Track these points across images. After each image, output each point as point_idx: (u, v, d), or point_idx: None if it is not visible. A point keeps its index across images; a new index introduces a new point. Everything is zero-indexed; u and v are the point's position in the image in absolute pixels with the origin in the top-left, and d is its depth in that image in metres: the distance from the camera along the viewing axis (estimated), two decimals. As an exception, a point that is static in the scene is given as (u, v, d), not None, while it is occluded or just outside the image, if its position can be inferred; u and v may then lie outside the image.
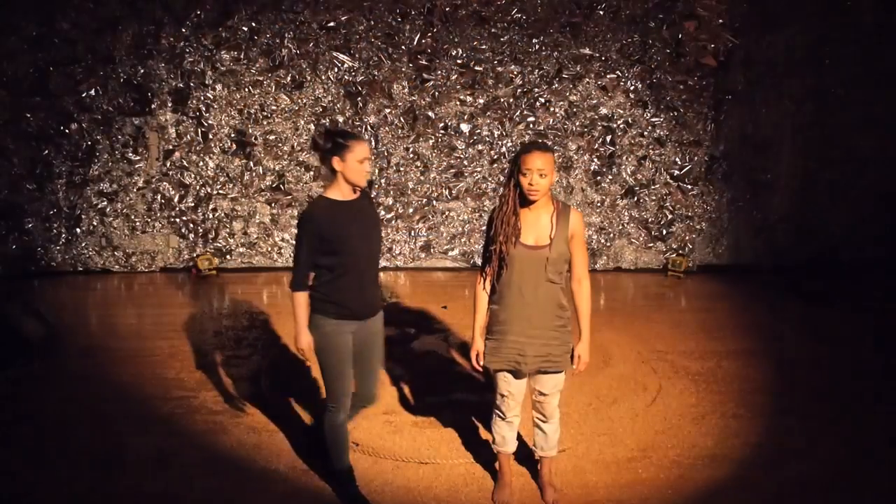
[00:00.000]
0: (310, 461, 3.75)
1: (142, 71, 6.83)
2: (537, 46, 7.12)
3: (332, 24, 6.91)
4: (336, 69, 7.03)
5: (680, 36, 7.15)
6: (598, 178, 7.46)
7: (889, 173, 7.75)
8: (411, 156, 7.28)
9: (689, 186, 7.54)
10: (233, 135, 7.08)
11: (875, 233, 8.01)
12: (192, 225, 7.27)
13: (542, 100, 7.25)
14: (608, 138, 7.37)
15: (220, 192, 7.21)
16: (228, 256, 7.40)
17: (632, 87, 7.27)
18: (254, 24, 6.84)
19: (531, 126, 7.31)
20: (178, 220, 7.24)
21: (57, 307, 5.67)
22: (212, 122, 7.03)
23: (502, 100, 7.22)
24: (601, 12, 7.08)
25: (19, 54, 6.61)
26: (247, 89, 6.98)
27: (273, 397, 4.43)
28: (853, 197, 7.82)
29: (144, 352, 5.19)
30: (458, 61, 7.10)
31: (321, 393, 4.43)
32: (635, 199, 7.54)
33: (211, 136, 7.06)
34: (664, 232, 7.65)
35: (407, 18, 6.96)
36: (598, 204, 7.50)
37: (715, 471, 3.76)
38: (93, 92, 6.82)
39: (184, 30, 6.79)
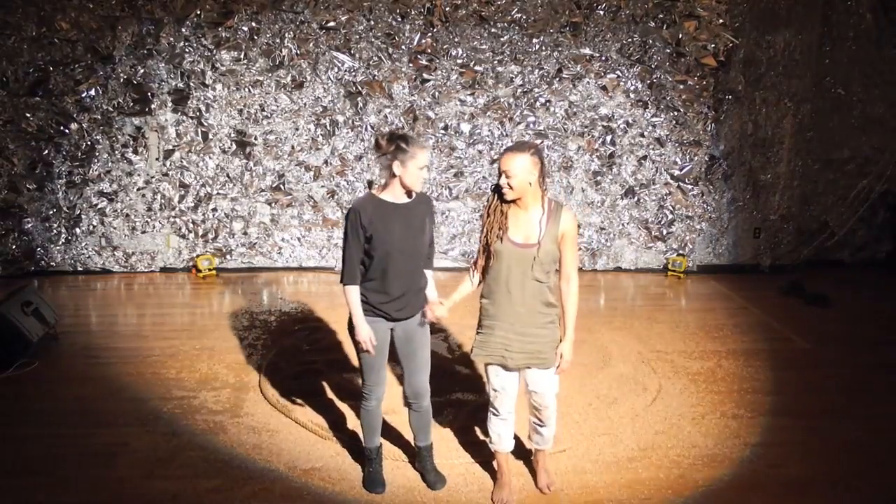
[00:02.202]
0: (310, 461, 3.75)
1: (142, 71, 6.83)
2: (537, 46, 7.12)
3: (332, 24, 6.91)
4: (336, 69, 7.03)
5: (680, 36, 7.15)
6: (598, 178, 7.46)
7: (889, 173, 7.76)
8: (411, 156, 7.26)
9: (689, 186, 7.55)
10: (233, 135, 7.08)
11: (875, 233, 8.02)
12: (192, 225, 7.27)
13: (542, 100, 7.25)
14: (608, 138, 7.37)
15: (220, 192, 7.20)
16: (228, 256, 7.40)
17: (632, 87, 7.27)
18: (254, 24, 6.84)
19: (531, 126, 7.31)
20: (178, 220, 7.24)
21: (57, 307, 5.66)
22: (212, 122, 7.03)
23: (502, 100, 7.22)
24: (601, 12, 7.08)
25: (19, 54, 6.61)
26: (247, 89, 6.98)
27: (273, 397, 4.43)
28: (853, 197, 7.83)
29: (144, 352, 5.19)
30: (458, 61, 7.10)
31: (321, 392, 4.45)
32: (635, 199, 7.54)
33: (211, 136, 7.06)
34: (664, 232, 7.65)
35: (407, 18, 6.96)
36: (598, 204, 7.50)
37: (715, 471, 3.76)
38: (93, 92, 6.82)
39: (184, 30, 6.79)
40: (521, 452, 3.67)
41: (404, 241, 3.17)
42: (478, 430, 4.04)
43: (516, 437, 3.50)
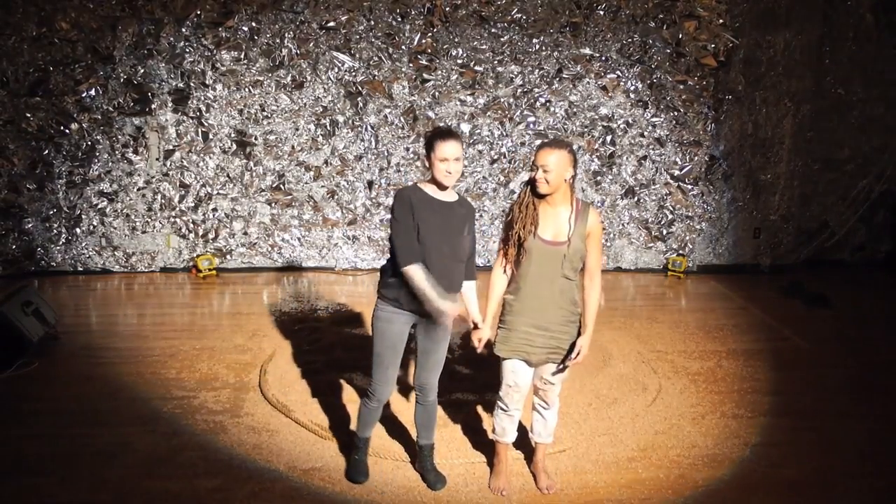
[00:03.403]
0: (310, 461, 3.76)
1: (142, 71, 6.83)
2: (537, 46, 7.12)
3: (332, 24, 6.91)
4: (336, 69, 7.03)
5: (680, 36, 7.15)
6: (598, 178, 7.47)
7: (889, 173, 7.76)
8: (411, 156, 7.28)
9: (689, 186, 7.55)
10: (233, 135, 7.08)
11: (875, 233, 8.03)
12: (192, 225, 7.27)
13: (542, 100, 7.26)
14: (608, 138, 7.38)
15: (220, 192, 7.21)
16: (228, 256, 7.40)
17: (632, 87, 7.28)
18: (254, 24, 6.85)
19: (531, 126, 7.32)
20: (178, 220, 7.24)
21: (57, 307, 5.66)
22: (212, 122, 7.03)
23: (502, 100, 7.22)
24: (601, 12, 7.08)
25: (19, 54, 6.61)
26: (247, 89, 6.98)
27: (273, 397, 4.43)
28: (853, 197, 7.83)
29: (144, 352, 5.19)
30: (458, 61, 7.10)
31: (321, 392, 4.45)
32: (635, 199, 7.54)
33: (211, 136, 7.06)
34: (664, 232, 7.65)
35: (407, 18, 6.96)
36: (599, 204, 7.50)
37: (715, 471, 3.76)
38: (93, 92, 6.82)
39: (184, 30, 6.79)
40: (523, 453, 3.66)
41: (440, 236, 3.14)
42: (478, 431, 4.04)
43: (519, 438, 3.50)
